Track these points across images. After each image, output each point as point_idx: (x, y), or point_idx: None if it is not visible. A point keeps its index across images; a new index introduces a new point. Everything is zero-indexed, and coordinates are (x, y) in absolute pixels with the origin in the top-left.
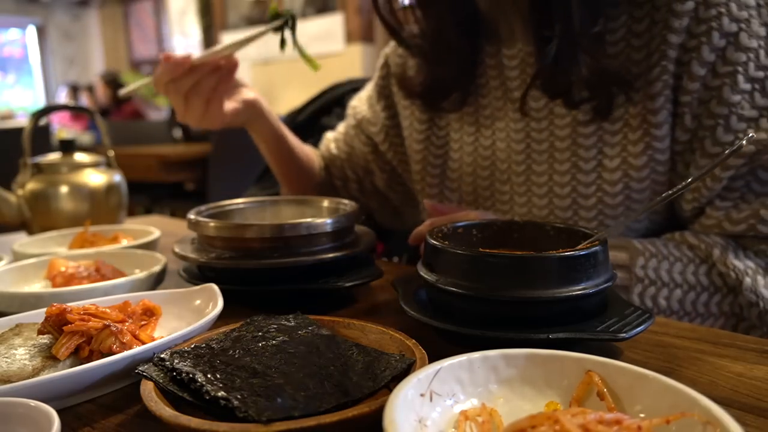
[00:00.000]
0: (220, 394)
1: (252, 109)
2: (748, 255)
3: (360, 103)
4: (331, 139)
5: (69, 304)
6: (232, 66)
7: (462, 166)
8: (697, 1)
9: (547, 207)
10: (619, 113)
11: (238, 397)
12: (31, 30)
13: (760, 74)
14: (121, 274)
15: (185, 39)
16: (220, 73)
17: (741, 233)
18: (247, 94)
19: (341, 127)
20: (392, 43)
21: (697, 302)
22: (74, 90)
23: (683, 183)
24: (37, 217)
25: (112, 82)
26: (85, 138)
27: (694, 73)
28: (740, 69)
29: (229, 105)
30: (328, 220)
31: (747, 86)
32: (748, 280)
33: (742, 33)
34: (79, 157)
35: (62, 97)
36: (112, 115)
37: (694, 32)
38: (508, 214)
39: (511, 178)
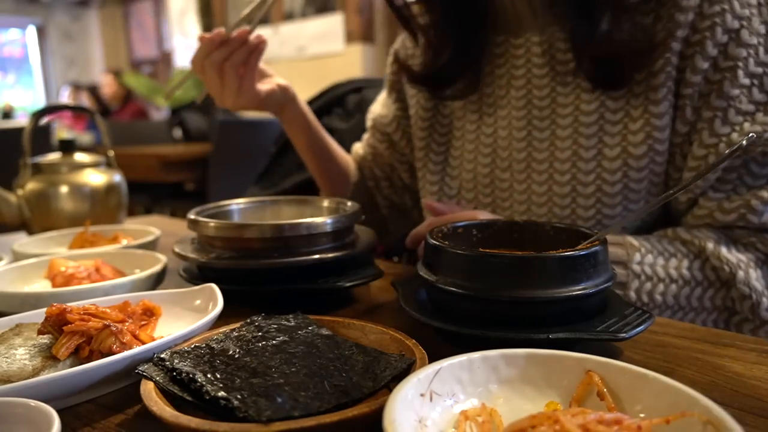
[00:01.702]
0: (220, 394)
1: (285, 92)
2: (739, 249)
3: (375, 106)
4: (358, 144)
5: (69, 304)
6: (260, 43)
7: (463, 154)
8: None
9: (545, 194)
10: (619, 104)
11: (238, 397)
12: (31, 30)
13: (759, 70)
14: (121, 274)
15: (185, 39)
16: (249, 47)
17: (731, 222)
18: (279, 79)
19: (368, 132)
20: (400, 39)
21: (692, 297)
22: (77, 89)
23: (682, 184)
24: (37, 217)
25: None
26: (85, 138)
27: (697, 66)
28: (740, 64)
29: (263, 85)
30: (328, 220)
31: (746, 81)
32: (741, 273)
33: (744, 30)
34: (79, 157)
35: (65, 96)
36: (117, 113)
37: (698, 27)
38: (507, 201)
39: (512, 165)
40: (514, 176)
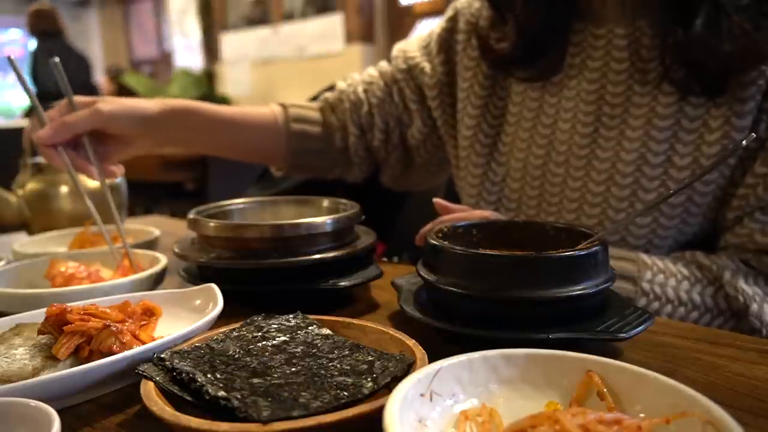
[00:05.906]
0: (220, 394)
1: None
2: (758, 282)
3: (411, 49)
4: (359, 81)
5: (69, 304)
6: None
7: (515, 141)
8: None
9: (602, 195)
10: (699, 112)
11: (238, 397)
12: None
13: None
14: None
15: (185, 39)
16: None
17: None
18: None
19: (374, 71)
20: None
21: (699, 323)
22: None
23: (679, 185)
24: (37, 217)
25: (116, 77)
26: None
27: None
28: None
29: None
30: (328, 220)
31: None
32: (755, 306)
33: None
34: None
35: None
36: None
37: None
38: (557, 197)
39: (569, 160)
40: (570, 172)
